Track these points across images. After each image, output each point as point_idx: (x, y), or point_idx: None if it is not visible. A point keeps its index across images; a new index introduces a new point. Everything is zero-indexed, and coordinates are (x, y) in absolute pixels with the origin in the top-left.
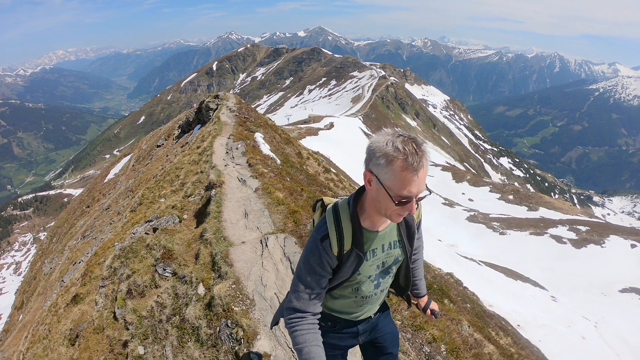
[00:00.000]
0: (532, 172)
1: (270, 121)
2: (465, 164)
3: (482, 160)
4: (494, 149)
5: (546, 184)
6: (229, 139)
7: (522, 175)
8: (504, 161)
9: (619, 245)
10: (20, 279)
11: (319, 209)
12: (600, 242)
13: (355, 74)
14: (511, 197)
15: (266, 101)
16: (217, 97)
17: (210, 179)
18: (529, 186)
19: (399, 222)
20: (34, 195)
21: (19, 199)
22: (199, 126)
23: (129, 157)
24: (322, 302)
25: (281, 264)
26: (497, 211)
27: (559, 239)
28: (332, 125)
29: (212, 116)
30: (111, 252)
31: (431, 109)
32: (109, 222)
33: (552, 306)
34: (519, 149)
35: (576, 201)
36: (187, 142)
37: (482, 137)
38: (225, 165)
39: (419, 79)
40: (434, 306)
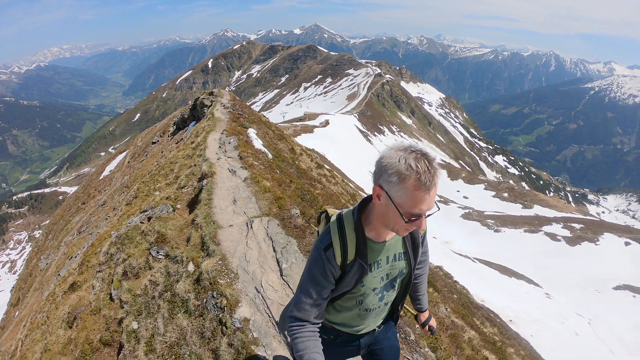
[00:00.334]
0: (527, 170)
1: (264, 118)
2: (460, 161)
3: (478, 158)
4: (489, 147)
5: (541, 182)
6: (222, 134)
7: (517, 173)
8: (499, 159)
9: (613, 242)
10: (15, 277)
11: (323, 220)
12: (594, 239)
13: (350, 71)
14: (506, 194)
15: (262, 99)
16: (211, 94)
17: (202, 170)
18: (524, 184)
19: (404, 235)
20: (29, 193)
21: (14, 197)
22: (193, 123)
23: (124, 154)
24: (324, 312)
25: (264, 242)
26: (491, 209)
27: (554, 237)
28: (327, 122)
29: (207, 112)
30: (108, 241)
31: (427, 106)
32: (105, 218)
33: (546, 303)
34: (514, 147)
35: (571, 199)
36: (182, 139)
37: (478, 135)
38: (217, 158)
39: (414, 77)
40: (433, 323)
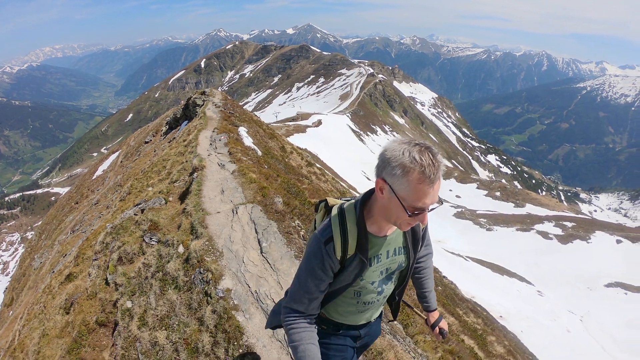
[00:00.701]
0: (519, 169)
1: (255, 117)
2: (453, 161)
3: (470, 157)
4: (482, 146)
5: (533, 181)
6: (213, 132)
7: (509, 172)
8: (492, 158)
9: (604, 240)
10: (8, 279)
11: (322, 209)
12: (586, 237)
13: (343, 71)
14: (498, 193)
15: (254, 99)
16: (203, 93)
17: (193, 165)
18: (516, 183)
19: (407, 230)
20: (21, 194)
21: (6, 198)
22: (186, 122)
23: (117, 153)
24: (321, 305)
25: (247, 225)
26: (484, 208)
27: (545, 235)
28: (320, 122)
29: (199, 112)
30: (103, 232)
31: (419, 106)
32: (98, 216)
33: (538, 300)
34: (506, 147)
35: (563, 198)
36: (175, 137)
37: (470, 135)
38: (208, 154)
39: (407, 77)
40: (443, 324)
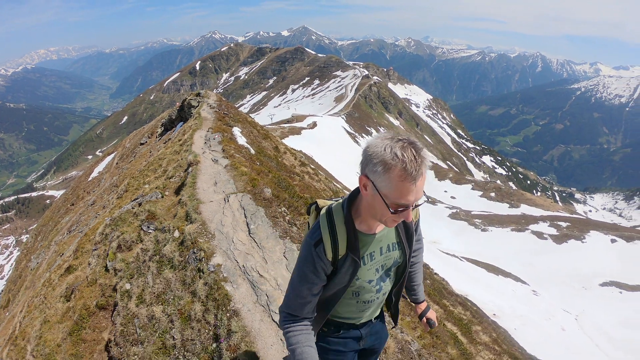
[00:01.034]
0: (514, 170)
1: (249, 118)
2: (448, 162)
3: (465, 158)
4: (477, 147)
5: (528, 182)
6: (207, 131)
7: (504, 173)
8: (487, 159)
9: (599, 240)
10: (3, 282)
11: (314, 212)
12: (580, 237)
13: (338, 73)
14: (493, 194)
15: (249, 101)
16: (198, 95)
17: (188, 160)
18: (511, 184)
19: (393, 227)
20: (15, 197)
21: (1, 201)
22: (181, 123)
23: (112, 155)
24: (324, 310)
25: (237, 211)
26: (479, 208)
27: (540, 235)
28: (315, 124)
29: (194, 113)
30: (102, 224)
31: (414, 108)
32: (95, 216)
33: (532, 300)
34: (501, 148)
35: (558, 198)
36: (170, 139)
37: (465, 136)
38: (203, 152)
39: (402, 79)
40: (431, 315)
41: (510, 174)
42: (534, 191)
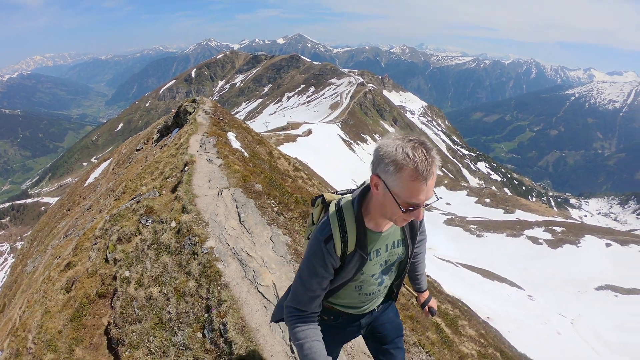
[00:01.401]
0: (509, 176)
1: (244, 124)
2: (443, 169)
3: (460, 165)
4: (472, 154)
5: (523, 188)
6: (203, 136)
7: (499, 179)
8: (482, 166)
9: (594, 244)
10: None
11: (319, 204)
12: (575, 242)
13: (333, 80)
14: (488, 200)
15: (245, 108)
16: (194, 101)
17: (184, 160)
18: (506, 190)
19: (403, 225)
20: (10, 203)
21: None
22: (177, 129)
23: (108, 161)
24: (323, 300)
25: (229, 203)
26: (474, 214)
27: (535, 240)
28: (310, 131)
29: (189, 118)
30: (102, 221)
31: (409, 115)
32: (92, 220)
33: (528, 304)
34: (496, 154)
35: (553, 204)
36: (166, 144)
37: (460, 143)
38: (198, 154)
39: (397, 86)
40: (432, 303)
41: (505, 180)
42: (529, 197)
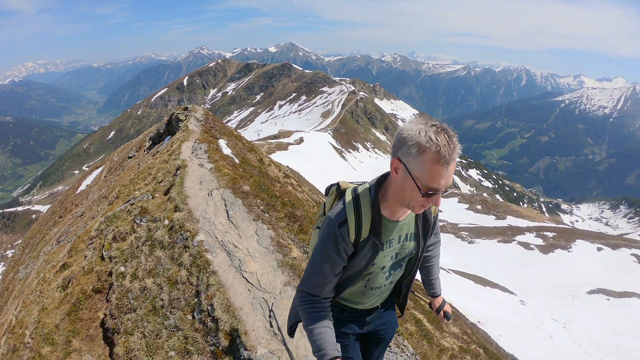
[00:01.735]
0: (500, 182)
1: (235, 132)
2: None
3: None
4: (463, 161)
5: (515, 194)
6: (194, 142)
7: (491, 186)
8: (473, 173)
9: (585, 249)
10: None
11: (333, 192)
12: (567, 246)
13: (325, 89)
14: (479, 207)
15: (237, 116)
16: (186, 109)
17: (176, 164)
18: (498, 196)
19: (420, 212)
20: (1, 211)
21: None
22: (169, 137)
23: (100, 169)
24: (335, 292)
25: (219, 202)
26: (465, 221)
27: (527, 246)
28: (301, 140)
29: (181, 126)
30: (97, 222)
31: (400, 123)
32: (84, 226)
33: (520, 309)
34: (487, 161)
35: (545, 209)
36: (158, 151)
37: None
38: (190, 159)
39: (388, 94)
40: (447, 308)
41: (496, 186)
42: (521, 203)
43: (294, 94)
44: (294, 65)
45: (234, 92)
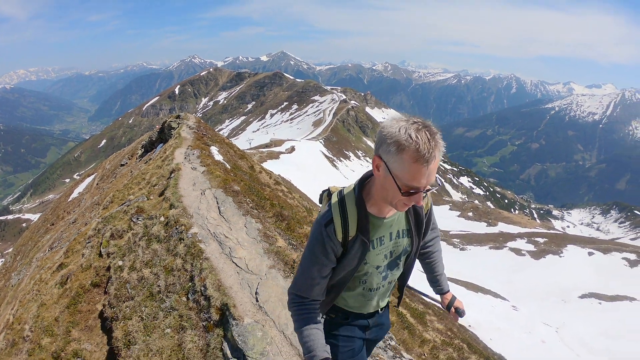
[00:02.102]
0: (492, 190)
1: (227, 140)
2: None
3: (443, 180)
4: (454, 168)
5: (506, 201)
6: (187, 149)
7: (482, 193)
8: (464, 180)
9: (576, 253)
10: None
11: (325, 198)
12: (558, 252)
13: (316, 98)
14: (471, 214)
15: (228, 125)
16: (178, 117)
17: (170, 168)
18: (489, 203)
19: (404, 211)
20: None
21: None
22: (161, 145)
23: (92, 176)
24: (331, 295)
25: (211, 200)
26: (457, 228)
27: (518, 252)
28: (293, 149)
29: (174, 133)
30: (94, 222)
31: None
32: (77, 232)
33: (512, 315)
34: (478, 169)
35: (536, 216)
36: (151, 159)
37: (442, 158)
38: (184, 164)
39: (379, 103)
40: (458, 304)
41: (487, 193)
42: (512, 210)
43: (285, 103)
44: (285, 74)
45: (225, 101)
